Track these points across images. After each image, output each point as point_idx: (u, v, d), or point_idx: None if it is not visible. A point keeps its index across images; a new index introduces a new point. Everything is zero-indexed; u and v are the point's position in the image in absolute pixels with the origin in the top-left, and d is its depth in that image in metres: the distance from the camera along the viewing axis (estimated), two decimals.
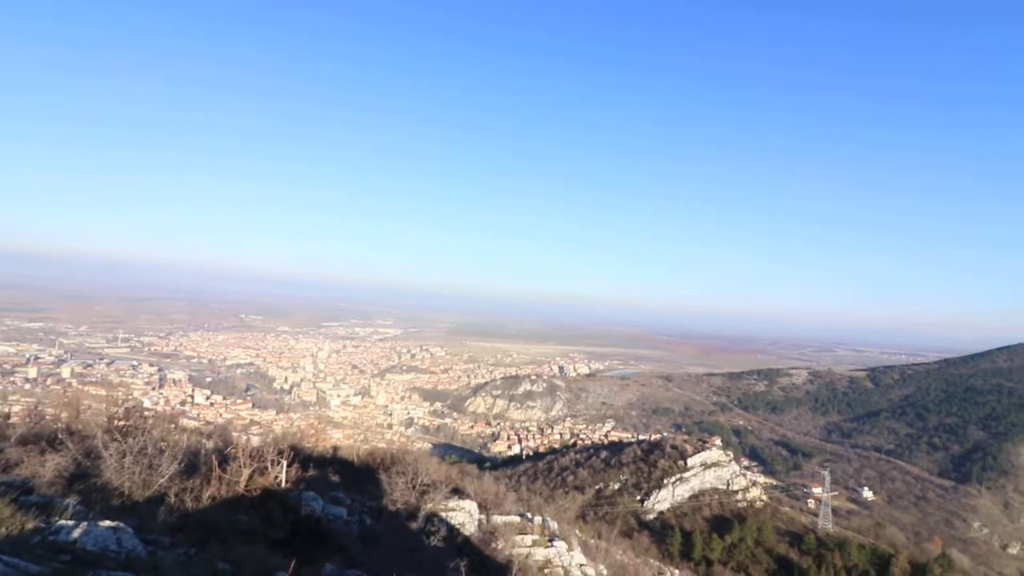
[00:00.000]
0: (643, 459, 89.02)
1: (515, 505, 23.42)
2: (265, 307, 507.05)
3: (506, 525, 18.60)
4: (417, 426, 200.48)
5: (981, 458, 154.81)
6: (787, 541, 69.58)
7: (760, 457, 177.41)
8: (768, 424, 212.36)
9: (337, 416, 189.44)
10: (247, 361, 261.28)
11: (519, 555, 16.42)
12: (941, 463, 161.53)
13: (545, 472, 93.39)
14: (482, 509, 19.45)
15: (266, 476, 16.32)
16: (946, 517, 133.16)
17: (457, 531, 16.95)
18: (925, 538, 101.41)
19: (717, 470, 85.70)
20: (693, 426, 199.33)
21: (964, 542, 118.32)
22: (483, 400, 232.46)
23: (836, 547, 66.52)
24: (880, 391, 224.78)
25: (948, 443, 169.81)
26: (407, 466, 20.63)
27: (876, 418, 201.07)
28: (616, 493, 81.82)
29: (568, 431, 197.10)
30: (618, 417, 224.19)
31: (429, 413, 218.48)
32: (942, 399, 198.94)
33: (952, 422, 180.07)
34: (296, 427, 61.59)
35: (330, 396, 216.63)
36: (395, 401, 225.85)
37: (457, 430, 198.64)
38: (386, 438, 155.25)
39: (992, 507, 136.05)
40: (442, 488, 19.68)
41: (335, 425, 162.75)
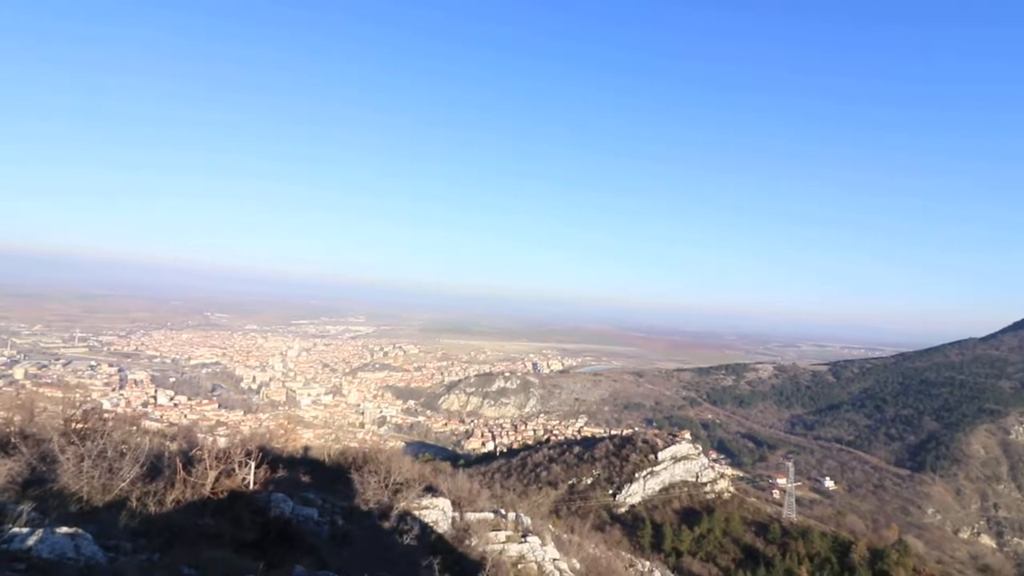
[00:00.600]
0: (615, 454, 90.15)
1: (489, 502, 23.45)
2: (232, 305, 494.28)
3: (480, 522, 18.62)
4: (390, 425, 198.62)
5: (935, 448, 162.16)
6: (753, 531, 71.53)
7: (728, 450, 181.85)
8: (735, 417, 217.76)
9: (308, 416, 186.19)
10: (213, 360, 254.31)
11: (493, 551, 16.46)
12: (898, 453, 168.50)
13: (519, 468, 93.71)
14: (456, 507, 19.41)
15: (233, 478, 15.93)
16: (902, 505, 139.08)
17: (430, 529, 16.89)
18: (883, 525, 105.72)
19: (687, 463, 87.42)
20: (664, 420, 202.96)
21: (919, 528, 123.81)
22: (457, 398, 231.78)
23: (800, 536, 68.72)
24: (841, 384, 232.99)
25: (904, 434, 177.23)
26: (380, 465, 20.43)
27: (837, 410, 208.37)
28: (589, 488, 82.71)
29: (542, 427, 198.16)
30: (591, 413, 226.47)
31: (402, 411, 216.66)
32: (899, 391, 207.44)
33: (908, 413, 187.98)
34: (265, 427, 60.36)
35: (300, 395, 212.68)
36: (367, 400, 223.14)
37: (431, 428, 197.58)
38: (358, 437, 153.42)
39: (945, 494, 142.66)
40: (415, 486, 19.57)
41: (305, 425, 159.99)
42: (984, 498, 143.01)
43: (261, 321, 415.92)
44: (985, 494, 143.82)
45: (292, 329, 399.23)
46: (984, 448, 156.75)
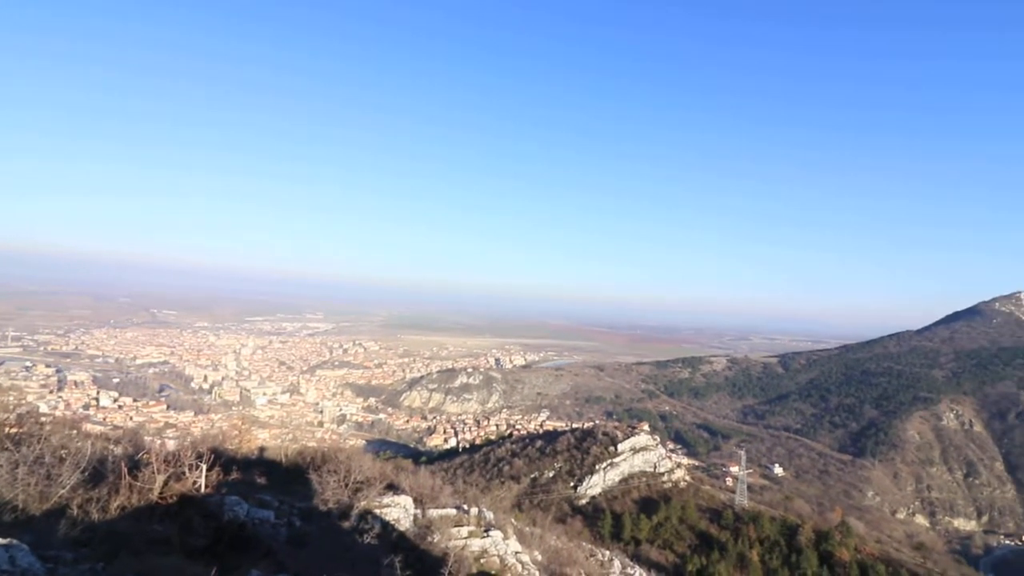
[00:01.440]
0: (576, 447, 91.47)
1: (451, 498, 23.41)
2: (180, 301, 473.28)
3: (442, 518, 18.58)
4: (350, 423, 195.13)
5: (874, 434, 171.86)
6: (708, 517, 74.09)
7: (684, 440, 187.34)
8: (691, 409, 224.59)
9: (263, 415, 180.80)
10: (161, 360, 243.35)
11: (455, 547, 16.46)
12: (841, 440, 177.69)
13: (481, 464, 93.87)
14: (418, 504, 19.30)
15: (183, 482, 15.36)
16: (845, 488, 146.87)
17: (392, 527, 16.74)
18: (827, 508, 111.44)
19: (645, 454, 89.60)
20: (623, 413, 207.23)
21: (860, 510, 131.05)
22: (419, 394, 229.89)
23: (751, 521, 71.66)
24: (789, 375, 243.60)
25: (847, 421, 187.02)
26: (339, 464, 20.08)
27: (786, 400, 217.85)
28: (551, 481, 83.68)
29: (504, 422, 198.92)
30: (553, 407, 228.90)
31: (363, 409, 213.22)
32: (842, 382, 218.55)
33: (850, 402, 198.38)
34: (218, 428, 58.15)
35: (255, 395, 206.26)
36: (326, 398, 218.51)
37: (392, 425, 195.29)
38: (317, 436, 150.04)
39: (883, 478, 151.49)
40: (376, 485, 19.34)
41: (261, 425, 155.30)
42: (919, 480, 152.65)
43: (213, 318, 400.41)
44: (920, 477, 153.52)
45: (246, 326, 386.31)
46: (919, 434, 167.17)
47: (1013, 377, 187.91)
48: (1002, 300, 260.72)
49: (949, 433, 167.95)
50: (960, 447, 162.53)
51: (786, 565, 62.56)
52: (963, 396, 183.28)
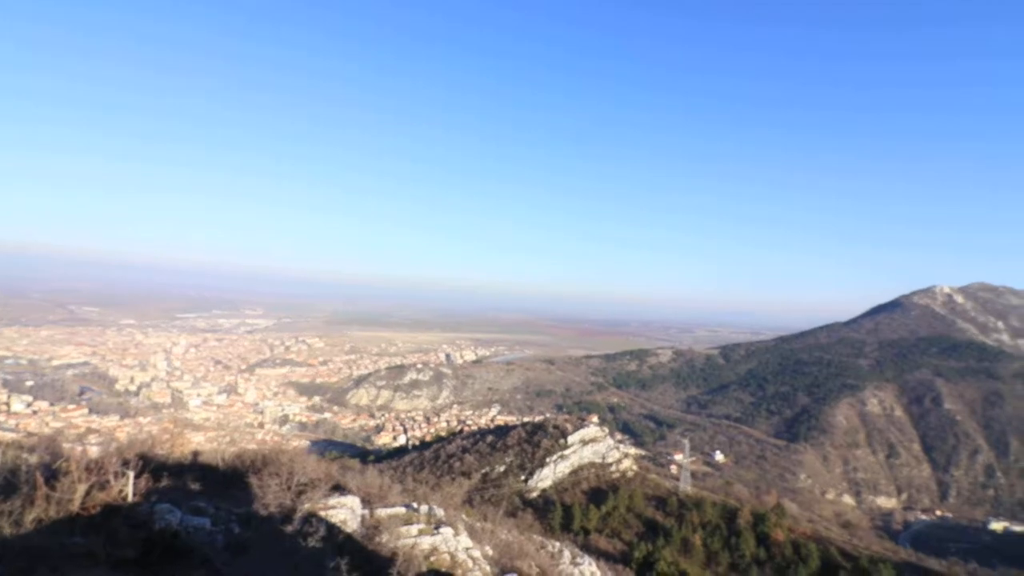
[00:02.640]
0: (527, 440, 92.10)
1: (401, 496, 22.91)
2: (103, 297, 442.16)
3: (391, 517, 18.12)
4: (293, 423, 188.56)
5: (806, 420, 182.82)
6: (654, 505, 76.49)
7: (631, 430, 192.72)
8: (639, 400, 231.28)
9: (198, 418, 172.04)
10: (81, 360, 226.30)
11: (405, 546, 16.07)
12: (777, 426, 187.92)
13: (432, 460, 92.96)
14: (365, 504, 18.73)
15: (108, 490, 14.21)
16: (780, 472, 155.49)
17: (338, 529, 16.15)
18: (764, 491, 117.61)
19: (594, 445, 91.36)
20: (573, 406, 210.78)
21: (794, 492, 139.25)
22: (366, 392, 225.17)
23: (694, 507, 74.56)
24: (730, 366, 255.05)
25: (782, 409, 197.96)
26: (281, 466, 19.19)
27: (727, 390, 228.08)
28: (502, 475, 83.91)
29: (455, 418, 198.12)
30: (504, 401, 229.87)
31: (307, 408, 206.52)
32: (778, 371, 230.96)
33: (785, 390, 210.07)
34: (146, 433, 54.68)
35: (188, 396, 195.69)
36: (267, 398, 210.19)
37: (338, 424, 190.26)
38: (257, 438, 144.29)
39: (814, 461, 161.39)
40: (321, 486, 18.61)
41: (195, 428, 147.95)
42: (846, 462, 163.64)
43: (140, 315, 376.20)
44: (847, 459, 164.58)
45: (177, 323, 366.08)
46: (846, 419, 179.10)
47: (929, 365, 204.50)
48: (919, 294, 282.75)
49: (873, 418, 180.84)
50: (882, 430, 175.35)
51: (726, 547, 65.49)
52: (885, 383, 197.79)
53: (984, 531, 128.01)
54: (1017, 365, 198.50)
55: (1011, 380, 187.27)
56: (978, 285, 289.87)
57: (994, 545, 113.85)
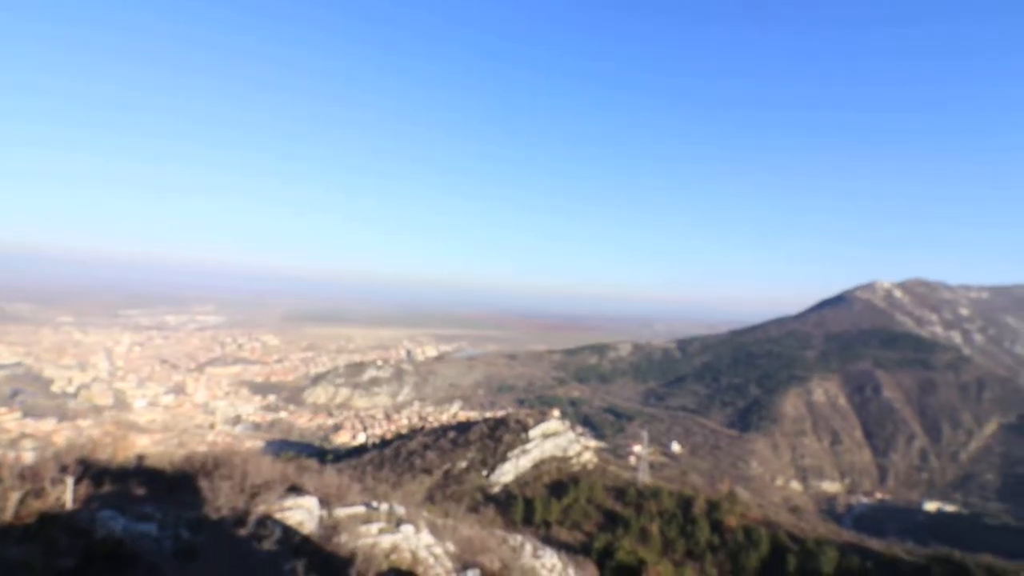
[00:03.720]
0: (489, 436, 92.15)
1: (360, 495, 22.50)
2: (36, 292, 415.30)
3: (350, 517, 17.76)
4: (246, 424, 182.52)
5: (758, 410, 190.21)
6: (613, 496, 77.95)
7: (592, 423, 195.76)
8: (599, 393, 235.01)
9: (143, 420, 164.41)
10: (13, 361, 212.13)
11: (364, 545, 15.79)
12: (730, 417, 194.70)
13: (392, 458, 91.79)
14: (324, 504, 18.28)
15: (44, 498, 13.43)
16: (733, 461, 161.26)
17: (294, 531, 15.70)
18: (718, 480, 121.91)
19: (555, 439, 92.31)
20: (535, 400, 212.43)
21: (746, 479, 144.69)
22: (324, 390, 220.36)
23: (651, 496, 76.42)
24: (686, 359, 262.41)
25: (735, 400, 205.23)
26: (234, 468, 18.52)
27: (683, 382, 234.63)
28: (464, 471, 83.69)
29: (416, 415, 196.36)
30: (466, 397, 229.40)
31: (261, 408, 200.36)
32: (731, 364, 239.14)
33: (738, 382, 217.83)
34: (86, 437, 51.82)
35: (132, 397, 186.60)
36: (218, 398, 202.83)
37: (295, 424, 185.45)
38: (208, 440, 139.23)
39: (765, 449, 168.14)
40: (277, 487, 18.06)
41: (141, 430, 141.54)
42: (794, 450, 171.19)
43: (79, 312, 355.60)
44: (795, 447, 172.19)
45: (120, 321, 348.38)
46: (794, 408, 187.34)
47: (870, 356, 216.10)
48: (862, 289, 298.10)
49: (819, 407, 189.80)
50: (827, 419, 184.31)
51: (682, 535, 67.49)
52: (831, 374, 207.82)
53: (919, 512, 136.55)
54: (949, 356, 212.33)
55: (943, 370, 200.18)
56: (915, 281, 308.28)
57: (928, 524, 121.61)
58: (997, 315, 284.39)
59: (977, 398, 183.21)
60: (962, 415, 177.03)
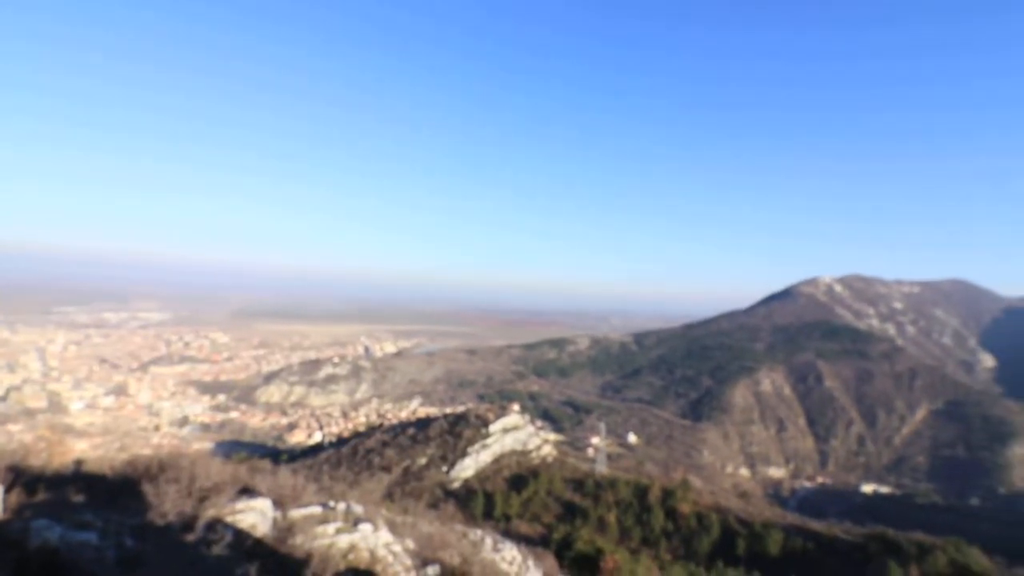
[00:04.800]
0: (449, 431, 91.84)
1: (316, 495, 21.99)
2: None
3: (306, 518, 17.35)
4: (194, 425, 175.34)
5: (709, 400, 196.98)
6: (572, 488, 79.24)
7: (551, 417, 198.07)
8: (558, 387, 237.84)
9: (80, 423, 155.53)
10: None
11: (321, 546, 15.47)
12: (684, 407, 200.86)
13: (349, 457, 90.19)
14: (277, 506, 17.78)
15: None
16: (687, 450, 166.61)
17: (247, 534, 15.20)
18: (672, 468, 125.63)
19: (515, 433, 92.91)
20: (495, 395, 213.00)
21: (698, 468, 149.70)
22: (278, 388, 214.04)
23: (609, 487, 78.13)
24: (642, 352, 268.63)
25: (688, 391, 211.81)
26: (181, 471, 17.73)
27: (639, 375, 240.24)
28: (424, 468, 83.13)
29: (375, 412, 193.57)
30: (426, 393, 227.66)
31: (210, 408, 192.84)
32: (685, 356, 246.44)
33: (691, 374, 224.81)
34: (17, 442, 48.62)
35: (68, 399, 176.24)
36: (163, 399, 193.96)
37: (247, 424, 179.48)
38: (152, 443, 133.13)
39: (716, 438, 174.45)
40: (227, 490, 17.43)
41: (78, 434, 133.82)
42: (743, 438, 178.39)
43: (6, 309, 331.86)
44: (744, 435, 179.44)
45: (54, 318, 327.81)
46: (743, 398, 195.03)
47: (812, 348, 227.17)
48: (806, 284, 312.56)
49: (766, 396, 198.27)
50: (774, 408, 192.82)
51: (638, 523, 69.38)
52: (777, 365, 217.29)
53: (857, 494, 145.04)
54: (884, 347, 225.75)
55: (879, 360, 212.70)
56: (853, 276, 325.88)
57: (865, 506, 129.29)
58: (927, 308, 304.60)
59: (909, 386, 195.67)
60: (896, 402, 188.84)
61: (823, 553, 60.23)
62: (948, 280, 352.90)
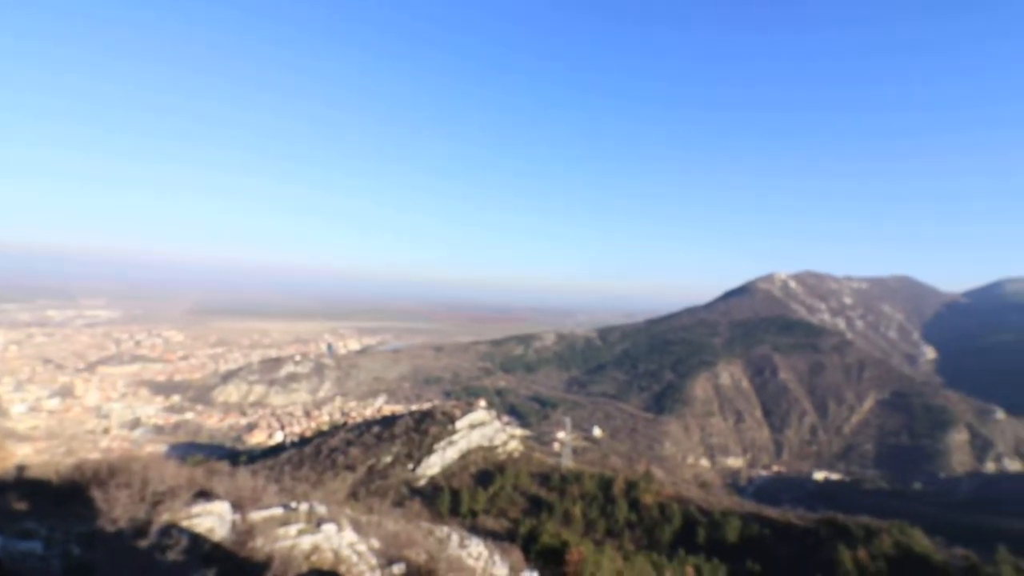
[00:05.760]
0: (415, 429, 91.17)
1: (277, 497, 21.49)
2: None
3: (266, 520, 16.94)
4: (147, 427, 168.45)
5: (671, 394, 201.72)
6: (538, 482, 79.92)
7: (518, 412, 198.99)
8: (524, 383, 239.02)
9: (23, 427, 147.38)
10: None
11: (282, 548, 15.14)
12: (646, 401, 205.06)
13: (312, 457, 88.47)
14: (237, 508, 17.28)
15: None
16: (649, 442, 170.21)
17: (204, 539, 14.74)
18: (636, 460, 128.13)
19: (482, 429, 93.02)
20: (462, 392, 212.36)
21: (661, 459, 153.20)
22: (236, 388, 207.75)
23: (574, 480, 79.15)
24: (607, 347, 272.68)
25: (651, 385, 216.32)
26: (132, 475, 17.02)
27: (604, 369, 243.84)
28: (389, 466, 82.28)
29: (338, 411, 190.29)
30: (391, 391, 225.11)
31: (164, 410, 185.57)
32: (648, 351, 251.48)
33: (654, 368, 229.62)
34: None
35: (10, 402, 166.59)
36: (113, 400, 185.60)
37: (203, 425, 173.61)
38: (102, 446, 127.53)
39: (678, 430, 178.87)
40: (183, 494, 16.84)
41: (21, 438, 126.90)
42: (703, 430, 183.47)
43: None
44: (704, 427, 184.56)
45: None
46: (703, 391, 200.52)
47: (769, 342, 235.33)
48: (762, 280, 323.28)
49: (725, 389, 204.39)
50: (732, 400, 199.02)
51: (603, 515, 70.56)
52: (735, 358, 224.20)
53: (809, 481, 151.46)
54: (834, 340, 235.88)
55: (830, 352, 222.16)
56: (807, 273, 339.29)
57: (817, 492, 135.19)
58: (874, 304, 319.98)
59: (858, 378, 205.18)
60: (845, 393, 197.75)
61: (778, 538, 62.67)
62: (894, 277, 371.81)
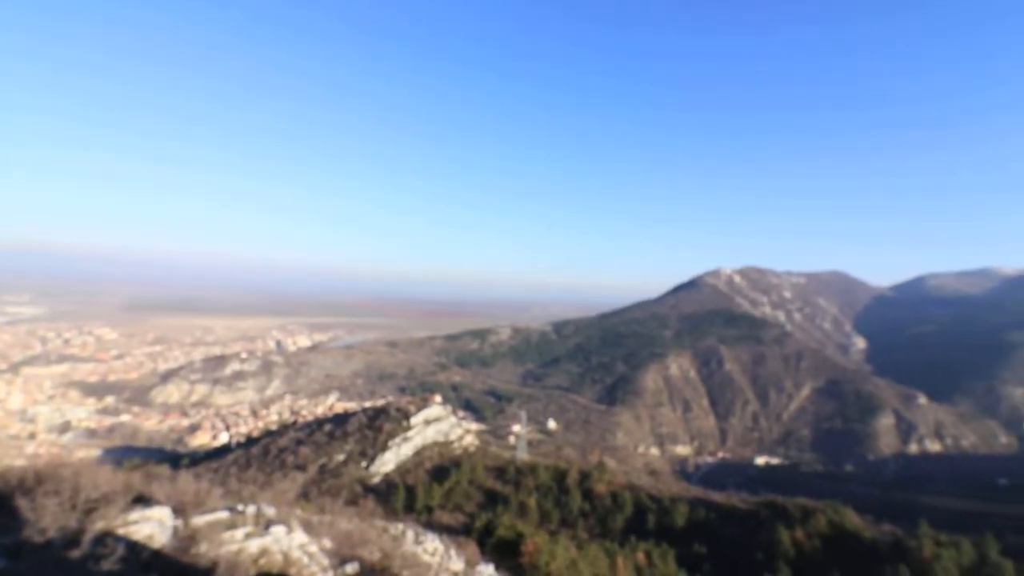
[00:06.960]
0: (369, 426, 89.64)
1: (223, 500, 20.63)
2: None
3: (211, 524, 16.22)
4: (78, 431, 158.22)
5: (623, 385, 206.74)
6: (494, 475, 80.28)
7: (473, 407, 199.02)
8: (480, 377, 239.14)
9: None
10: None
11: (228, 552, 14.55)
12: (599, 393, 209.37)
13: (260, 457, 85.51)
14: (178, 513, 16.47)
15: None
16: (602, 433, 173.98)
17: (142, 546, 13.98)
18: (589, 452, 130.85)
19: (437, 425, 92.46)
20: (417, 387, 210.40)
21: (613, 449, 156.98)
22: (177, 388, 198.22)
23: (529, 472, 79.99)
24: (561, 341, 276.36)
25: (604, 377, 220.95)
26: (62, 482, 15.92)
27: (558, 363, 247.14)
28: (342, 464, 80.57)
29: (287, 409, 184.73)
30: (344, 388, 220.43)
31: (97, 412, 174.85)
32: (601, 344, 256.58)
33: (607, 361, 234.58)
34: None
35: None
36: (40, 402, 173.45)
37: (141, 428, 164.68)
38: (27, 452, 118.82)
39: (630, 421, 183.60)
40: (119, 500, 15.91)
41: None
42: (653, 420, 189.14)
43: None
44: (654, 417, 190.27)
45: None
46: (653, 382, 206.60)
47: (715, 334, 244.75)
48: (710, 275, 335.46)
49: (674, 380, 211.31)
50: (681, 390, 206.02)
51: (557, 505, 71.69)
52: (684, 350, 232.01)
53: (752, 466, 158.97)
54: (775, 332, 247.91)
55: (771, 344, 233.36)
56: (750, 268, 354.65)
57: (759, 476, 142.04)
58: (811, 297, 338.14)
59: (796, 367, 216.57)
60: (785, 382, 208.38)
61: (722, 522, 65.56)
62: (828, 272, 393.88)
